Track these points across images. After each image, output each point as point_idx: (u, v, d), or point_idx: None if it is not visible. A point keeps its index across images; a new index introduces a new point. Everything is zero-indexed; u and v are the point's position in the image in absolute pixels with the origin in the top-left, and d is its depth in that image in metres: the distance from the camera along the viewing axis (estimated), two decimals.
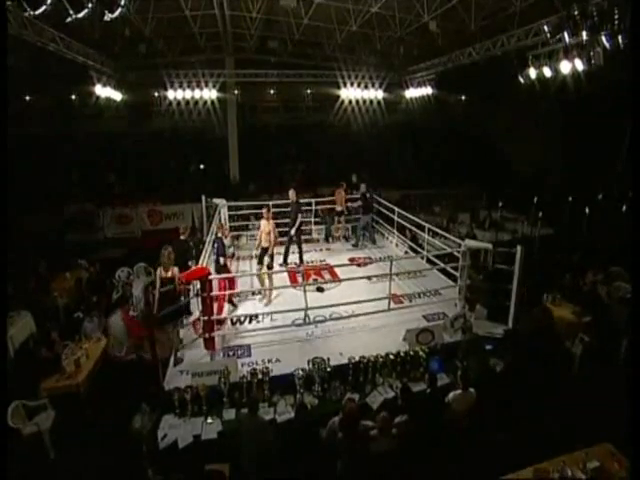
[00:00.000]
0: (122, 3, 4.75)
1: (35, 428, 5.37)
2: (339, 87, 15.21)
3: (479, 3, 9.41)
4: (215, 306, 7.34)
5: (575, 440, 4.58)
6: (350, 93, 15.25)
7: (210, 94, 14.26)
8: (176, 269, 6.62)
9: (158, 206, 15.34)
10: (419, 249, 9.95)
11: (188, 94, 14.02)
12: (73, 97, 17.45)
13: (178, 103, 14.23)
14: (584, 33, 6.65)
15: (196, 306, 7.06)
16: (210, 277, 6.44)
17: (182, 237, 8.48)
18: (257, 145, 18.10)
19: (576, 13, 6.39)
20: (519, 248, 6.71)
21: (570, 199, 12.83)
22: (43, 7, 4.16)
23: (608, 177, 13.96)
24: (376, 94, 15.40)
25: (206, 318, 6.34)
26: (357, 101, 15.52)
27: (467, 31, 10.32)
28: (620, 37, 6.21)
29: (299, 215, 9.56)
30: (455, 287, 7.81)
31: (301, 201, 9.98)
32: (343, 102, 15.59)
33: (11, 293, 7.66)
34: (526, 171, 17.90)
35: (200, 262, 7.12)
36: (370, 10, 10.34)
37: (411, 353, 6.04)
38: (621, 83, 7.03)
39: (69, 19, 4.38)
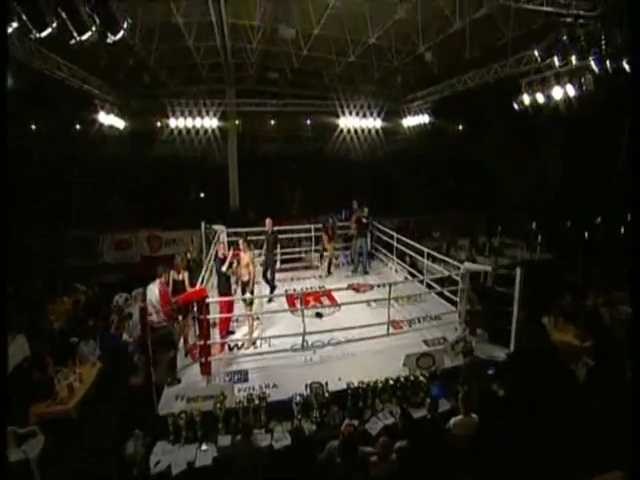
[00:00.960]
0: (125, 26, 4.88)
1: (22, 455, 5.17)
2: (338, 116, 15.48)
3: (473, 33, 9.71)
4: (217, 330, 7.29)
5: (583, 467, 4.41)
6: (349, 122, 15.48)
7: (211, 123, 14.44)
8: (186, 274, 7.08)
9: (158, 232, 15.35)
10: (419, 274, 9.89)
11: (190, 123, 14.20)
12: (77, 125, 17.70)
13: (180, 131, 14.36)
14: (573, 58, 6.82)
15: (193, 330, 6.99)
16: (207, 300, 6.38)
17: (188, 255, 8.55)
18: (257, 173, 18.27)
19: (564, 37, 6.57)
20: (519, 270, 6.68)
21: (569, 224, 12.86)
22: (49, 29, 4.25)
23: (607, 201, 14.04)
24: (374, 123, 15.61)
25: (202, 342, 6.25)
26: (356, 130, 15.70)
27: (462, 60, 10.60)
28: (608, 61, 6.36)
29: (277, 245, 10.10)
30: (455, 312, 7.73)
31: (277, 229, 10.22)
32: (342, 131, 15.78)
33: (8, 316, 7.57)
34: (524, 197, 18.00)
35: (199, 284, 7.07)
36: (368, 41, 10.66)
37: (411, 378, 5.91)
38: (614, 107, 7.16)
39: (73, 41, 4.47)
